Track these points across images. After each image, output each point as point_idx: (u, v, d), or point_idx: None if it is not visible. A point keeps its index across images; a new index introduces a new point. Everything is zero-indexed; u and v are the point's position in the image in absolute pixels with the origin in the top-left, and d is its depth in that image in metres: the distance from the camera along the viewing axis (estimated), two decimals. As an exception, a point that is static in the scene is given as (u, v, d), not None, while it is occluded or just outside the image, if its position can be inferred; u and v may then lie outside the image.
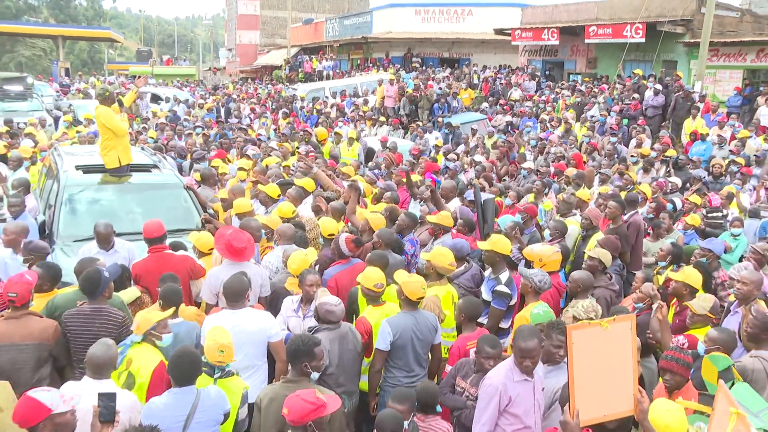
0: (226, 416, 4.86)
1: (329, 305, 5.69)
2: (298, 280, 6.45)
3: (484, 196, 9.34)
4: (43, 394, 3.93)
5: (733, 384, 4.40)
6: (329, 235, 7.76)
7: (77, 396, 4.20)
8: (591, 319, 5.64)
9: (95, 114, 9.74)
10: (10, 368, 5.24)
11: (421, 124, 20.99)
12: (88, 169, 9.61)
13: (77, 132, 16.72)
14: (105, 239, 7.43)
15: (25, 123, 19.38)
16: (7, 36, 77.34)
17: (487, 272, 7.26)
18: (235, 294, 5.83)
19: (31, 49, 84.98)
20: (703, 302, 6.07)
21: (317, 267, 7.27)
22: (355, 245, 7.22)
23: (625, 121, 18.42)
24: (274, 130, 20.43)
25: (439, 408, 5.37)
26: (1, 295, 5.81)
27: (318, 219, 8.53)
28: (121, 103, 9.57)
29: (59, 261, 7.39)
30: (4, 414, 4.44)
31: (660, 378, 5.26)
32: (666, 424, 4.01)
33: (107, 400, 3.78)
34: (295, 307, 6.40)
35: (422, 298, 5.96)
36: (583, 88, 23.40)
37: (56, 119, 22.78)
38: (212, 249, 7.33)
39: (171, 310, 5.40)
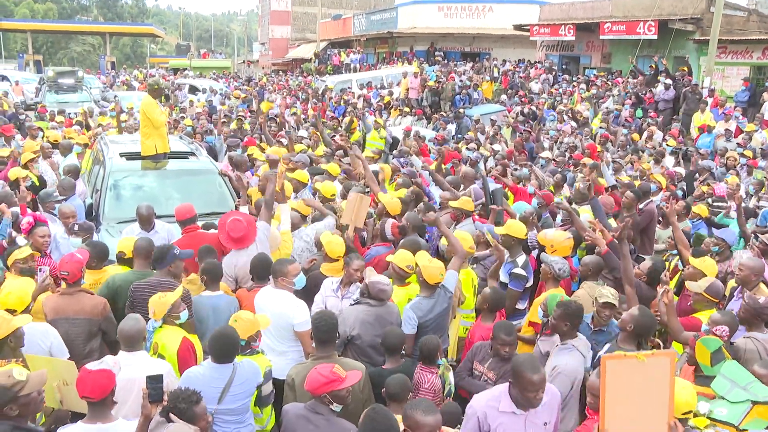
0: (258, 387, 4.89)
1: (381, 284, 5.69)
2: (344, 263, 6.42)
3: (493, 185, 9.27)
4: (103, 365, 4.00)
5: (724, 362, 4.47)
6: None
7: (119, 364, 4.26)
8: (613, 304, 5.58)
9: (140, 104, 9.82)
10: (64, 340, 5.29)
11: (443, 114, 20.94)
12: (131, 156, 9.69)
13: (122, 121, 16.80)
14: (146, 220, 7.52)
15: (75, 113, 19.60)
16: (62, 34, 78.31)
17: (505, 255, 7.25)
18: (275, 272, 5.86)
19: (82, 45, 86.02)
20: (700, 283, 6.01)
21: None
22: (400, 231, 7.26)
23: (639, 112, 18.19)
24: (304, 119, 20.42)
25: (440, 361, 5.34)
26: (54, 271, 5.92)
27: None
28: (167, 97, 9.67)
29: (104, 241, 7.46)
30: (69, 388, 4.50)
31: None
32: None
33: (155, 382, 3.82)
34: (335, 288, 6.37)
35: (439, 283, 5.91)
36: (598, 82, 23.16)
37: (104, 109, 22.99)
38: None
39: (179, 291, 5.38)
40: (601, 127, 17.29)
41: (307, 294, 6.28)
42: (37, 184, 9.77)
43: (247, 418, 4.88)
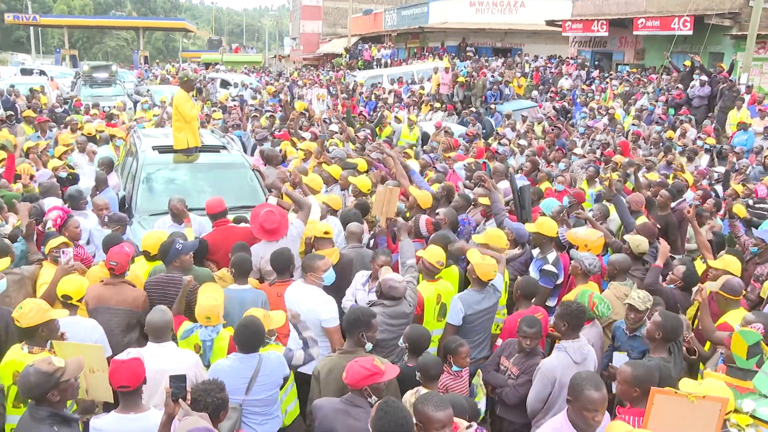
0: (285, 380, 4.92)
1: (393, 281, 5.61)
2: (371, 258, 6.47)
3: (520, 182, 9.20)
4: (134, 354, 4.06)
5: (759, 357, 4.40)
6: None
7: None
8: (647, 308, 5.50)
9: (173, 98, 9.90)
10: (105, 329, 5.37)
11: (474, 110, 20.86)
12: (163, 150, 9.78)
13: (154, 115, 17.00)
14: (178, 213, 7.56)
15: (109, 106, 19.86)
16: (97, 29, 79.47)
17: (535, 252, 7.20)
18: (304, 267, 5.88)
19: (116, 40, 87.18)
20: (717, 281, 5.91)
21: (372, 243, 7.35)
22: (434, 227, 7.26)
23: (672, 110, 17.94)
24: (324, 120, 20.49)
25: (474, 382, 5.32)
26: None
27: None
28: (200, 91, 9.72)
29: (137, 233, 7.54)
30: (96, 375, 4.57)
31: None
32: None
33: (178, 382, 3.86)
34: (364, 281, 6.42)
35: (491, 279, 5.91)
36: (631, 78, 22.88)
37: (135, 103, 23.27)
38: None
39: (219, 289, 5.44)
40: (633, 124, 17.09)
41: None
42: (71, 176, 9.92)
43: (275, 410, 4.91)
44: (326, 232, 6.75)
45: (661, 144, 14.66)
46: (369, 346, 4.91)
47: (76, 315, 5.32)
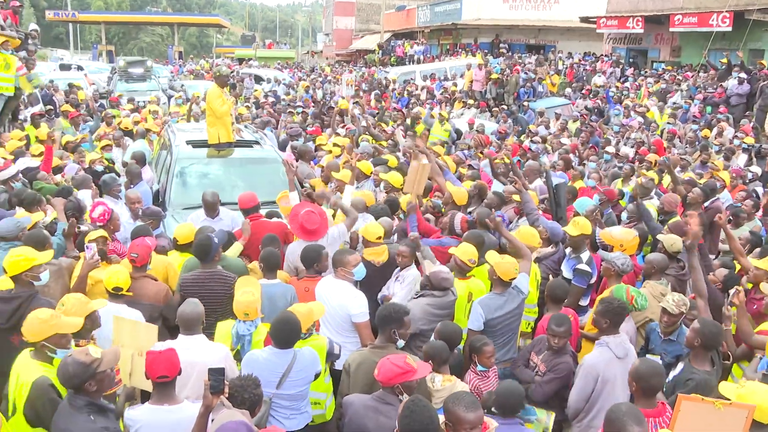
0: (317, 375, 4.91)
1: (443, 273, 5.74)
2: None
3: (556, 179, 9.11)
4: (169, 346, 4.10)
5: None
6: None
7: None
8: (682, 312, 5.39)
9: (206, 92, 9.98)
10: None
11: (506, 107, 20.73)
12: (197, 144, 9.85)
13: (188, 110, 17.14)
14: (211, 206, 7.62)
15: (144, 101, 20.08)
16: (133, 25, 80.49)
17: (568, 251, 7.12)
18: (335, 262, 5.89)
19: (151, 36, 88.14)
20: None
21: (395, 237, 7.37)
22: (468, 225, 7.25)
23: (708, 109, 17.62)
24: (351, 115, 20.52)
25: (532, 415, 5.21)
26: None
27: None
28: (233, 86, 9.78)
29: (170, 226, 7.60)
30: (141, 360, 4.56)
31: None
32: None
33: (217, 374, 3.89)
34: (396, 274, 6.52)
35: (514, 278, 5.86)
36: (666, 76, 22.53)
37: (170, 98, 23.49)
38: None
39: (257, 283, 5.45)
40: (668, 123, 16.84)
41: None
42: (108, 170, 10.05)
43: (304, 406, 4.91)
44: (379, 237, 6.74)
45: (697, 143, 14.43)
46: (401, 343, 4.92)
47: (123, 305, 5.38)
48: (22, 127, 13.90)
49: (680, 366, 5.05)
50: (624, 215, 8.78)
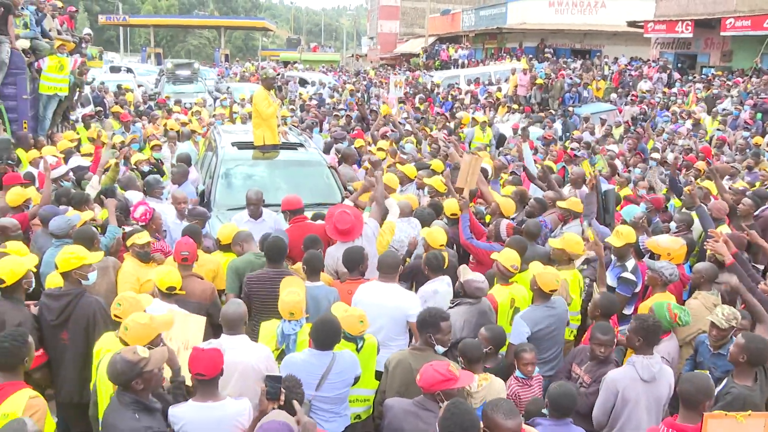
0: (356, 379, 4.91)
1: (477, 282, 5.68)
2: None
3: (605, 186, 8.98)
4: (214, 345, 4.13)
5: None
6: (452, 215, 7.71)
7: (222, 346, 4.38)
8: (732, 326, 5.25)
9: (252, 95, 10.07)
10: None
11: (552, 112, 20.54)
12: (242, 146, 9.94)
13: (233, 112, 17.36)
14: (255, 203, 7.66)
15: (191, 103, 20.40)
16: (180, 28, 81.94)
17: (613, 259, 7.00)
18: (390, 266, 5.87)
19: (198, 39, 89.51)
20: None
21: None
22: (514, 231, 7.21)
23: (759, 115, 17.20)
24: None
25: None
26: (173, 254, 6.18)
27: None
28: (279, 89, 9.86)
29: (215, 227, 7.67)
30: (187, 354, 4.67)
31: None
32: None
33: (273, 382, 3.94)
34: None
35: (555, 290, 5.78)
36: (716, 81, 22.06)
37: (215, 100, 23.80)
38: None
39: (302, 283, 5.48)
40: (718, 129, 16.49)
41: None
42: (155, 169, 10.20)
43: (343, 410, 4.92)
44: (442, 244, 6.70)
45: (747, 150, 14.09)
46: (440, 349, 4.89)
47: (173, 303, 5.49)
48: (74, 128, 14.24)
49: (725, 381, 4.91)
50: (672, 224, 8.61)
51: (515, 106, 22.30)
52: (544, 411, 4.49)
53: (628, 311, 6.64)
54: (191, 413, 4.08)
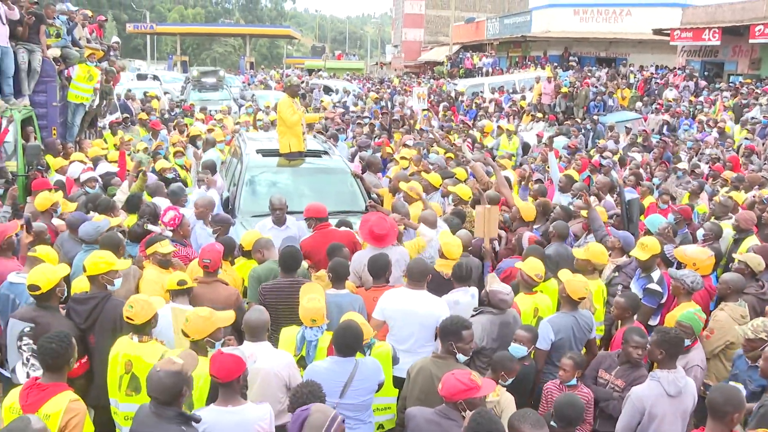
0: (380, 385, 4.91)
1: (502, 294, 5.64)
2: None
3: (629, 195, 8.90)
4: (236, 351, 4.13)
5: None
6: None
7: (255, 355, 4.38)
8: (762, 339, 5.15)
9: (277, 102, 10.12)
10: None
11: (578, 121, 20.44)
12: (267, 153, 9.99)
13: (259, 119, 17.46)
14: (279, 210, 7.67)
15: (216, 110, 20.56)
16: (206, 36, 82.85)
17: (632, 264, 6.96)
18: (420, 273, 5.86)
19: (224, 46, 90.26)
20: None
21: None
22: (537, 243, 7.18)
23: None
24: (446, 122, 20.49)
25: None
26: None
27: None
28: (303, 96, 9.89)
29: (239, 233, 7.71)
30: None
31: None
32: None
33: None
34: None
35: (584, 298, 5.75)
36: (744, 89, 21.82)
37: (240, 107, 23.96)
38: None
39: (322, 291, 5.49)
40: (746, 138, 16.29)
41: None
42: (181, 175, 10.30)
43: (368, 416, 4.90)
44: (455, 259, 6.65)
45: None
46: (461, 357, 4.88)
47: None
48: (101, 135, 14.43)
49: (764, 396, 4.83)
50: (699, 233, 8.51)
51: (539, 115, 22.21)
52: (553, 423, 4.46)
53: (653, 322, 6.59)
54: (212, 417, 4.10)
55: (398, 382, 5.24)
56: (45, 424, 3.62)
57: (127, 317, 4.81)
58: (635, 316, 6.07)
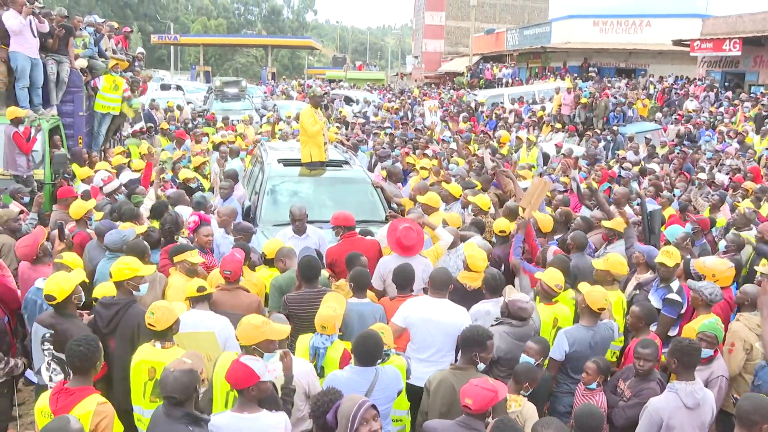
0: (399, 393, 4.91)
1: (521, 302, 5.61)
2: None
3: (651, 206, 8.85)
4: (253, 363, 4.14)
5: None
6: (500, 231, 7.70)
7: (277, 370, 4.41)
8: None
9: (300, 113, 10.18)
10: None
11: (598, 132, 20.36)
12: (288, 163, 10.05)
13: (279, 129, 17.57)
14: (299, 219, 7.69)
15: (238, 120, 20.70)
16: (228, 47, 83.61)
17: (655, 280, 6.90)
18: (443, 282, 5.86)
19: (246, 57, 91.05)
20: None
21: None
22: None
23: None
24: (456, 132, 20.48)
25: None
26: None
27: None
28: (326, 107, 9.93)
29: (260, 242, 7.76)
30: (211, 365, 4.76)
31: None
32: None
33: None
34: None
35: (604, 309, 5.71)
36: (765, 99, 21.63)
37: (262, 117, 24.10)
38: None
39: (343, 300, 5.49)
40: (766, 149, 16.15)
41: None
42: (206, 188, 10.40)
43: (387, 425, 4.88)
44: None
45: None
46: (481, 366, 4.87)
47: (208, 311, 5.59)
48: (123, 143, 14.60)
49: None
50: (722, 244, 8.44)
51: (559, 126, 22.14)
52: None
53: (672, 333, 6.54)
54: (229, 423, 4.13)
55: (410, 390, 5.23)
56: (82, 425, 3.70)
57: (149, 324, 4.84)
58: (654, 328, 6.04)
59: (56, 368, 5.16)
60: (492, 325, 5.71)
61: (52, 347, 5.14)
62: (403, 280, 6.13)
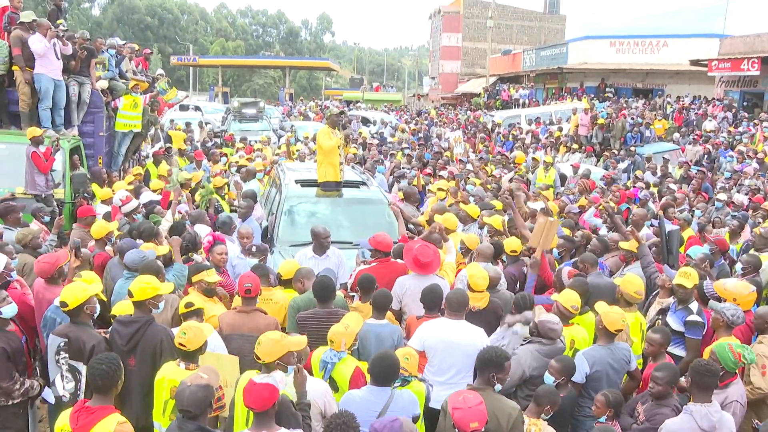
0: (415, 419, 4.84)
1: (551, 323, 5.66)
2: None
3: (669, 226, 8.78)
4: (269, 380, 4.17)
5: None
6: (511, 251, 7.70)
7: (285, 381, 4.43)
8: None
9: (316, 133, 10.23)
10: (238, 355, 5.55)
11: (615, 152, 20.29)
12: (305, 184, 10.09)
13: (296, 150, 17.66)
14: (323, 238, 7.71)
15: (256, 140, 20.84)
16: (247, 68, 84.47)
17: (673, 302, 6.82)
18: (460, 304, 5.85)
19: (264, 78, 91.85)
20: None
21: (504, 284, 7.23)
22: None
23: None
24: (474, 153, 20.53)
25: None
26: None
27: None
28: (344, 127, 9.95)
29: (278, 263, 7.78)
30: (229, 390, 4.77)
31: None
32: None
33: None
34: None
35: (621, 330, 5.69)
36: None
37: (280, 138, 24.23)
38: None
39: (360, 319, 5.46)
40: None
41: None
42: (228, 210, 10.46)
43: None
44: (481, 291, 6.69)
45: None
46: (498, 387, 4.85)
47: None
48: (142, 164, 14.73)
49: None
50: (738, 266, 8.35)
51: (575, 146, 22.09)
52: None
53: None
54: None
55: (428, 414, 5.19)
56: None
57: (180, 344, 4.86)
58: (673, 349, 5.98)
59: (68, 376, 5.26)
60: (522, 344, 5.74)
61: (67, 355, 5.22)
62: (431, 300, 6.10)
